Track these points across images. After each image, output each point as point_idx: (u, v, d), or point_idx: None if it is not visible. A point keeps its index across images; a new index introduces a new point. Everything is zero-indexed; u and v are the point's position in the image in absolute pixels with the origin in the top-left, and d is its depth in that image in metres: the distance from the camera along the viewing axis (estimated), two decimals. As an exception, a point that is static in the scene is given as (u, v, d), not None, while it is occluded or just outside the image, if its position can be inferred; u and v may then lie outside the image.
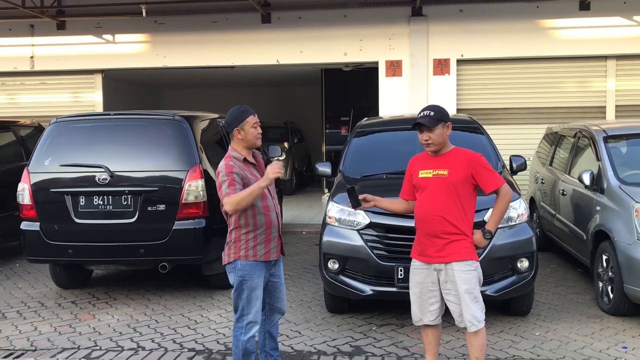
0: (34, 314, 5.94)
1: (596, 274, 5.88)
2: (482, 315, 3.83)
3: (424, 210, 3.84)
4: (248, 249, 3.83)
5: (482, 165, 3.82)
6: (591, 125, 6.86)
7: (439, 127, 3.82)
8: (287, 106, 19.41)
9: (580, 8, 10.00)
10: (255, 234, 3.84)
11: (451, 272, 3.78)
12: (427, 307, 3.92)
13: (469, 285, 3.77)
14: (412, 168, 4.01)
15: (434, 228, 3.79)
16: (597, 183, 6.02)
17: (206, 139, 6.57)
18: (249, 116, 3.85)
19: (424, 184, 3.86)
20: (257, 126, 3.88)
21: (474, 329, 3.80)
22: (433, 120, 3.81)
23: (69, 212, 5.99)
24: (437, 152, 3.90)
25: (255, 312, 3.86)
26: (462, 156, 3.85)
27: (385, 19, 10.34)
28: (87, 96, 11.52)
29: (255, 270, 3.84)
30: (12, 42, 11.20)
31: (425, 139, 3.85)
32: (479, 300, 3.82)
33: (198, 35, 10.75)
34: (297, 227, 10.21)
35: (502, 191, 3.82)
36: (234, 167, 3.78)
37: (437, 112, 3.87)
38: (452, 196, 3.77)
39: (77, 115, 6.51)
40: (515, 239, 5.19)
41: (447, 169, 3.80)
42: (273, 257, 3.92)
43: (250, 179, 3.81)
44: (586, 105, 10.25)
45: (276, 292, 4.07)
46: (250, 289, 3.83)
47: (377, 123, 7.02)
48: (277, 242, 3.96)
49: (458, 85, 10.33)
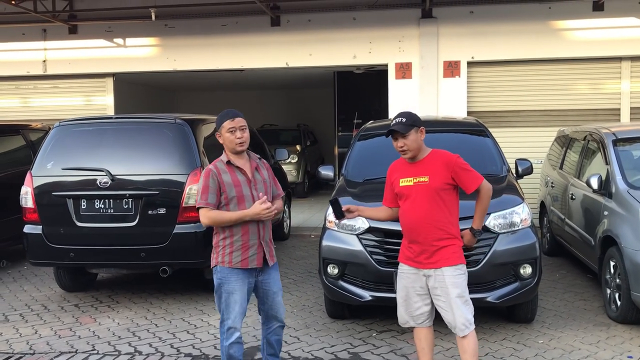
0: (36, 317, 5.97)
1: (604, 280, 5.74)
2: (472, 317, 3.79)
3: (410, 218, 3.80)
4: (225, 254, 3.80)
5: (460, 167, 3.79)
6: (601, 127, 6.72)
7: (412, 133, 3.78)
8: (300, 109, 19.41)
9: (594, 9, 9.80)
10: (231, 241, 3.78)
11: (441, 277, 3.74)
12: (412, 311, 3.90)
13: (460, 289, 3.75)
14: (392, 176, 3.98)
15: (423, 236, 3.76)
16: (606, 187, 5.89)
17: (209, 143, 6.53)
18: (225, 121, 3.78)
19: (406, 192, 3.82)
20: (236, 131, 3.75)
21: (467, 331, 3.75)
22: (406, 127, 3.77)
23: (71, 216, 6.01)
24: (414, 159, 3.85)
25: (234, 317, 3.80)
26: (440, 159, 3.81)
27: (395, 21, 10.25)
28: (99, 99, 11.59)
29: (232, 275, 3.79)
30: (25, 46, 11.32)
31: (400, 146, 3.82)
32: (469, 303, 3.79)
33: (208, 38, 10.76)
34: (306, 231, 10.15)
35: (483, 187, 3.81)
36: (211, 172, 3.77)
37: (409, 118, 3.83)
38: (436, 202, 3.74)
39: (80, 119, 6.54)
40: (518, 244, 5.08)
41: (428, 175, 3.77)
42: (252, 265, 3.82)
43: (226, 184, 3.75)
44: (600, 107, 10.04)
45: (268, 300, 3.97)
46: (227, 292, 3.79)
47: (381, 126, 6.92)
48: (258, 250, 3.82)
49: (469, 87, 10.19)
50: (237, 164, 3.82)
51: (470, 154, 4.98)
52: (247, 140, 3.82)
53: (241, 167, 3.83)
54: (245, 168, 3.84)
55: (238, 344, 3.85)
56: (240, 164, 3.83)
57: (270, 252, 3.92)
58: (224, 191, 3.74)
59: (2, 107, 11.86)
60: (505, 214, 5.06)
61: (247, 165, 3.87)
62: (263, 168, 3.97)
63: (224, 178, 3.75)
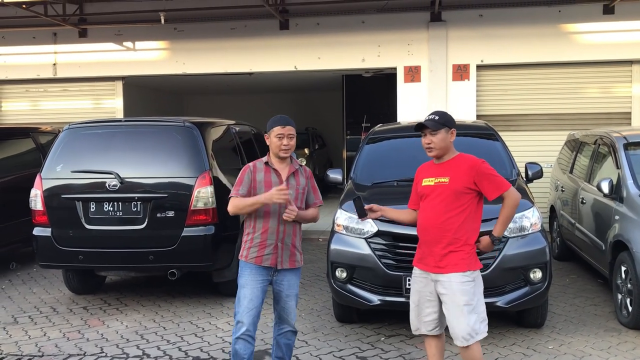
0: (45, 319, 5.98)
1: (615, 285, 5.69)
2: (479, 326, 3.65)
3: (425, 218, 3.76)
4: (244, 249, 3.97)
5: (484, 172, 3.68)
6: (612, 131, 6.67)
7: (442, 132, 3.73)
8: (309, 112, 19.40)
9: (604, 12, 9.73)
10: (252, 237, 3.94)
11: (448, 283, 3.66)
12: (423, 317, 3.82)
13: (468, 297, 3.64)
14: (419, 177, 3.93)
15: (432, 237, 3.70)
16: (617, 192, 5.84)
17: (218, 146, 6.55)
18: (276, 126, 3.94)
19: (427, 192, 3.77)
20: (284, 138, 3.90)
21: (467, 343, 3.62)
22: (437, 124, 3.73)
23: (80, 218, 6.02)
24: (440, 159, 3.80)
25: (242, 311, 3.87)
26: (465, 163, 3.74)
27: (404, 24, 10.22)
28: (108, 103, 11.63)
29: (245, 269, 3.94)
30: (35, 50, 11.37)
31: (427, 142, 3.77)
32: (477, 312, 3.66)
33: (216, 42, 10.78)
34: (314, 234, 10.14)
35: (509, 195, 3.68)
36: (248, 168, 3.97)
37: (442, 117, 3.80)
38: (453, 205, 3.66)
39: (89, 122, 6.55)
40: (528, 248, 5.04)
41: (449, 177, 3.70)
42: (266, 263, 3.90)
43: (258, 182, 3.92)
44: (611, 111, 9.96)
45: (280, 302, 4.02)
46: (240, 286, 3.94)
47: (390, 130, 6.91)
48: (274, 250, 3.90)
49: (478, 90, 10.15)
50: (274, 167, 3.96)
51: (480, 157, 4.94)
52: (292, 148, 3.98)
53: (277, 170, 3.95)
54: (282, 172, 3.96)
55: (245, 340, 3.86)
56: (278, 167, 3.97)
57: (290, 257, 3.96)
58: (254, 188, 3.90)
59: (12, 110, 11.94)
60: (515, 218, 5.00)
61: (285, 169, 3.98)
62: (302, 175, 4.04)
63: (258, 176, 3.93)
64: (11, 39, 11.37)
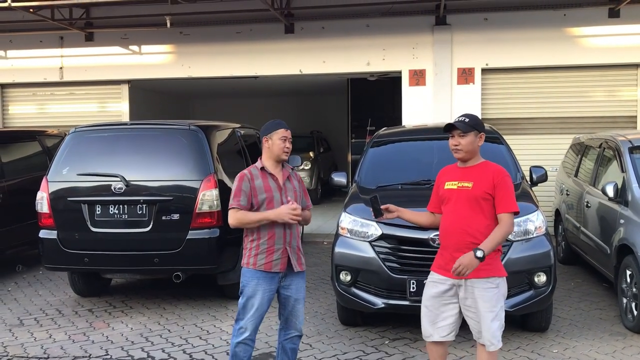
0: (50, 321, 6.01)
1: (620, 289, 5.67)
2: (500, 334, 3.65)
3: (447, 222, 3.71)
4: (250, 256, 3.92)
5: (507, 182, 3.65)
6: (617, 135, 6.66)
7: (471, 135, 3.67)
8: (314, 116, 19.42)
9: (610, 15, 9.74)
10: (257, 243, 3.90)
11: (471, 289, 3.62)
12: (439, 322, 3.74)
13: (490, 304, 3.60)
14: (441, 179, 3.87)
15: (455, 242, 3.64)
16: (622, 195, 5.83)
17: (223, 149, 6.58)
18: (280, 128, 3.96)
19: (449, 195, 3.73)
20: (286, 141, 3.94)
21: (492, 348, 3.65)
22: (467, 126, 3.68)
23: (86, 221, 6.05)
24: (465, 163, 3.75)
25: (247, 319, 3.88)
26: (489, 169, 3.69)
27: (409, 28, 10.25)
28: (114, 106, 11.71)
29: (253, 278, 3.89)
30: (42, 53, 11.47)
31: (454, 144, 3.71)
32: (499, 319, 3.65)
33: (222, 45, 10.84)
34: (318, 237, 10.14)
35: (508, 220, 3.60)
36: (245, 176, 3.93)
37: (472, 120, 3.74)
38: (475, 210, 3.62)
39: (95, 125, 6.59)
40: (533, 252, 5.04)
41: (472, 182, 3.66)
42: (276, 269, 3.89)
43: (257, 189, 3.90)
44: (616, 115, 9.96)
45: (288, 307, 4.01)
46: (247, 296, 3.90)
47: (395, 133, 6.92)
48: (283, 254, 3.90)
49: (483, 94, 10.15)
50: (270, 171, 3.96)
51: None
52: (290, 152, 4.01)
53: (274, 174, 3.96)
54: (278, 176, 3.98)
55: (246, 344, 3.89)
56: (273, 172, 3.97)
57: (298, 259, 3.98)
58: (255, 195, 3.89)
59: (19, 113, 12.02)
60: (520, 222, 5.01)
61: (280, 173, 4.00)
62: (294, 179, 4.08)
63: (256, 183, 3.91)
64: (18, 43, 11.46)
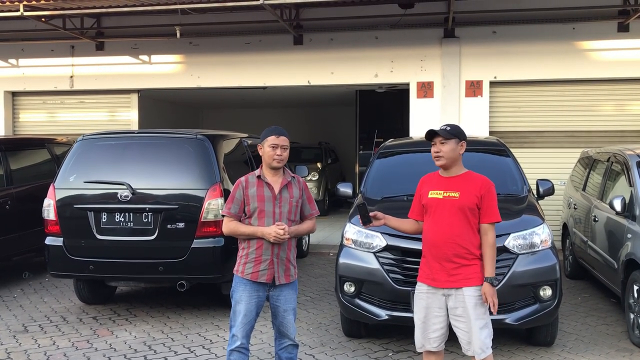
0: (54, 328, 6.02)
1: (627, 305, 5.61)
2: (490, 341, 3.68)
3: (434, 233, 3.72)
4: (240, 264, 3.96)
5: (492, 193, 3.71)
6: (625, 149, 6.63)
7: (452, 142, 3.72)
8: (322, 127, 19.47)
9: (619, 29, 9.72)
10: (247, 252, 3.93)
11: (461, 297, 3.63)
12: (429, 333, 3.76)
13: (481, 311, 3.63)
14: (423, 188, 3.89)
15: (444, 251, 3.66)
16: (629, 209, 5.78)
17: (230, 159, 6.59)
18: (270, 136, 3.91)
19: (434, 205, 3.74)
20: (277, 148, 3.87)
21: (483, 356, 3.64)
22: (448, 133, 3.72)
23: (91, 228, 6.07)
24: (447, 171, 3.78)
25: (237, 326, 3.89)
26: (475, 180, 3.74)
27: (417, 40, 10.27)
28: (123, 115, 11.77)
29: (240, 285, 3.94)
30: (53, 62, 11.57)
31: (435, 151, 3.75)
32: (488, 326, 3.67)
33: (231, 56, 10.90)
34: (324, 249, 10.11)
35: (491, 232, 3.66)
36: (240, 184, 3.95)
37: (453, 128, 3.79)
38: (462, 220, 3.65)
39: (102, 133, 6.64)
40: (538, 265, 5.00)
41: (459, 192, 3.69)
42: (262, 279, 3.88)
43: (250, 197, 3.89)
44: (625, 129, 9.91)
45: (278, 317, 4.00)
46: (235, 301, 3.94)
47: (401, 144, 6.92)
48: (270, 265, 3.88)
49: (491, 107, 10.14)
50: (267, 180, 3.92)
51: (491, 174, 4.88)
52: (285, 159, 3.93)
53: (270, 183, 3.92)
54: (275, 185, 3.93)
55: (240, 352, 3.89)
56: (270, 180, 3.93)
57: (285, 271, 3.94)
58: (247, 204, 3.89)
59: (29, 121, 12.12)
60: (525, 235, 4.99)
61: (277, 182, 3.94)
62: (296, 186, 4.01)
63: (250, 191, 3.90)
64: (30, 52, 11.58)
